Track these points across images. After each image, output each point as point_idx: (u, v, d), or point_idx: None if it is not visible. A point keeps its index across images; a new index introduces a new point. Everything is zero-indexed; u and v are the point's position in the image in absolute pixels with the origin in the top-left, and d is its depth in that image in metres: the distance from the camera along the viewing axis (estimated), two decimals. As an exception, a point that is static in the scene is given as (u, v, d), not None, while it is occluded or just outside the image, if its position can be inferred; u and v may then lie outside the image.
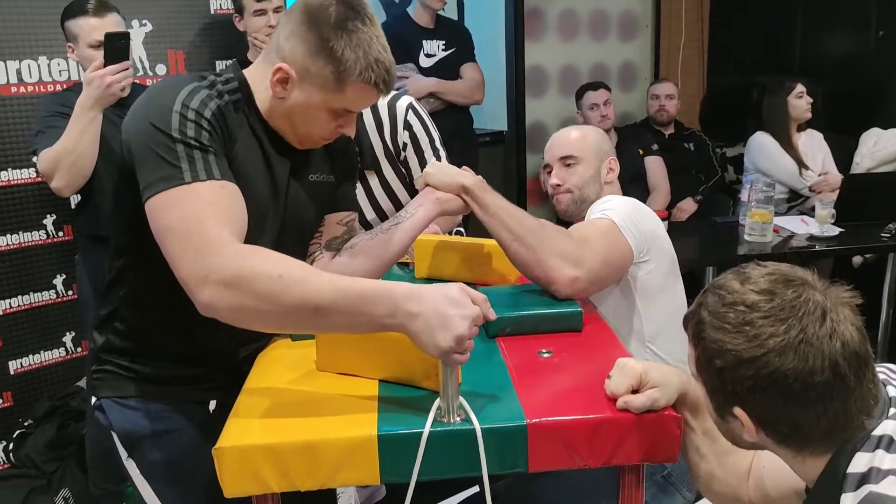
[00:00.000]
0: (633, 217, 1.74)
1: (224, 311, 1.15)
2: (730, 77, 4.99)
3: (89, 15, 2.33)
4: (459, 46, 3.73)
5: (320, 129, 1.38)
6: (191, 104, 1.25)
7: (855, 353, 0.98)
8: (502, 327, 1.49)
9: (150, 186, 1.21)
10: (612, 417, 1.18)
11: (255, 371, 1.40)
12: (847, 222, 3.17)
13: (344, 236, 1.63)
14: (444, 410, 1.17)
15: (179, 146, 1.21)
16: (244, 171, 1.32)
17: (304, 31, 1.29)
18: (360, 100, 1.35)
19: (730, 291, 1.04)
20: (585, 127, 2.10)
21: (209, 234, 1.16)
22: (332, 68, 1.29)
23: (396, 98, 2.15)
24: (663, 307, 1.80)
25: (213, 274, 1.14)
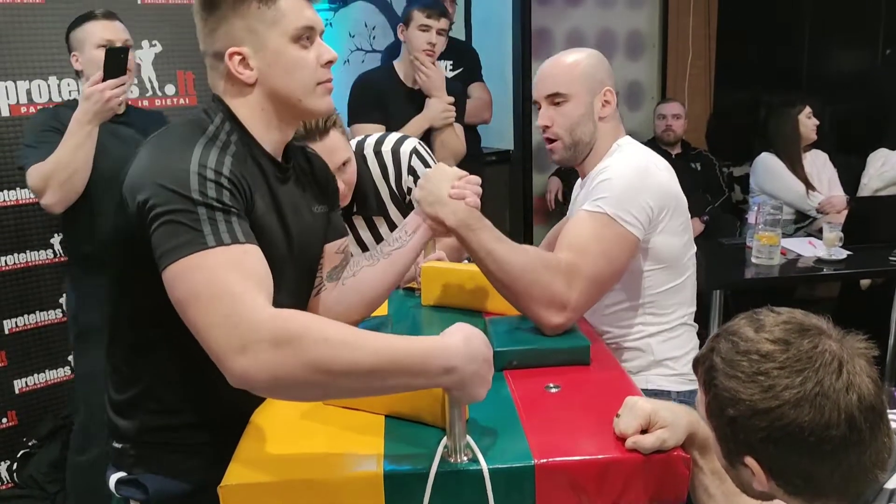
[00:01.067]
0: (636, 196, 1.65)
1: (264, 381, 1.05)
2: (737, 96, 4.99)
3: (98, 19, 2.34)
4: (467, 67, 3.73)
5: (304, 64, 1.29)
6: (208, 164, 1.17)
7: (871, 407, 0.96)
8: (509, 360, 1.48)
9: (168, 253, 1.10)
10: (621, 458, 1.17)
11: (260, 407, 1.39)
12: (855, 245, 3.15)
13: (342, 264, 1.61)
14: (451, 449, 1.16)
15: (201, 209, 1.12)
16: (265, 223, 1.27)
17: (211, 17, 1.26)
18: (301, 8, 1.28)
19: (744, 339, 1.02)
20: (579, 52, 1.82)
21: (241, 300, 1.06)
22: (255, 4, 1.24)
23: (400, 143, 2.16)
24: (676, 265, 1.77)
25: (250, 340, 1.03)
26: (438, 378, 1.10)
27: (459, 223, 1.57)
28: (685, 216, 1.79)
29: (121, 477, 1.35)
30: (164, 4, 2.84)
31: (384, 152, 2.16)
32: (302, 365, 1.04)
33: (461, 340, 1.12)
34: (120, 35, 2.35)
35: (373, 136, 2.24)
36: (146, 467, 1.34)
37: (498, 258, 1.58)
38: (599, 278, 1.62)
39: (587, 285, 1.60)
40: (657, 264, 1.76)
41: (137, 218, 1.16)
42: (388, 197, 2.17)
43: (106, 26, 2.33)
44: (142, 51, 2.81)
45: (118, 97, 2.23)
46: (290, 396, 1.13)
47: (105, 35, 2.31)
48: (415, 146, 2.17)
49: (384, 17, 4.13)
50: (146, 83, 2.83)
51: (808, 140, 3.88)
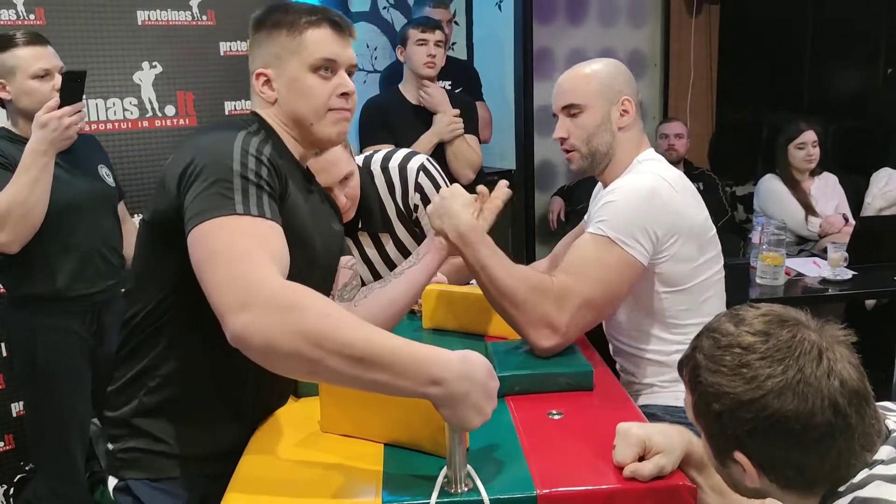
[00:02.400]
0: (641, 220, 1.63)
1: (258, 342, 1.06)
2: (739, 116, 4.99)
3: (24, 45, 2.16)
4: (466, 86, 3.74)
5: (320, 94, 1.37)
6: (249, 147, 1.23)
7: (854, 391, 0.97)
8: (511, 386, 1.46)
9: (198, 215, 1.15)
10: (625, 488, 1.15)
11: (258, 431, 1.37)
12: (860, 265, 3.13)
13: (352, 281, 1.63)
14: (451, 480, 1.14)
15: (237, 179, 1.18)
16: (296, 215, 1.31)
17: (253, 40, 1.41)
18: (325, 41, 1.37)
19: (724, 334, 1.03)
20: (597, 63, 1.81)
21: (255, 264, 1.10)
22: (284, 32, 1.36)
23: (407, 160, 2.15)
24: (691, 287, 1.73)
25: (255, 300, 1.06)
26: (425, 387, 1.08)
27: (458, 237, 1.59)
28: (702, 238, 1.73)
29: (116, 484, 1.38)
30: (165, 25, 2.84)
31: (391, 168, 2.14)
32: (298, 333, 1.05)
33: (457, 357, 1.11)
34: (54, 62, 2.21)
35: (380, 151, 2.23)
36: (134, 469, 1.36)
37: (492, 275, 1.58)
38: (593, 303, 1.60)
39: (579, 309, 1.58)
40: (669, 288, 1.73)
41: (177, 190, 1.21)
42: (394, 214, 2.15)
43: (39, 54, 2.18)
44: (142, 72, 2.80)
45: (76, 124, 2.11)
46: (278, 365, 1.10)
47: (40, 64, 2.17)
48: (422, 163, 2.15)
49: (386, 39, 4.14)
50: (146, 104, 2.82)
51: (800, 169, 3.86)
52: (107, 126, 2.75)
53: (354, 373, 1.07)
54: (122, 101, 2.77)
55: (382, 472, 1.20)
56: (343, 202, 1.96)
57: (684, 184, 1.76)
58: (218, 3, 2.93)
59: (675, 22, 4.73)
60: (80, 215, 2.26)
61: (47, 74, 2.18)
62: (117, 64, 2.76)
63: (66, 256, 2.24)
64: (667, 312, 1.75)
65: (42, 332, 2.26)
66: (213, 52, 2.94)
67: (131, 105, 2.79)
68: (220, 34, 2.95)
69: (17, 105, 2.20)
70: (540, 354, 1.57)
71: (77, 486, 2.40)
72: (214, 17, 2.93)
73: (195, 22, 2.90)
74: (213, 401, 1.36)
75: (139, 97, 2.80)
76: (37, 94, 2.15)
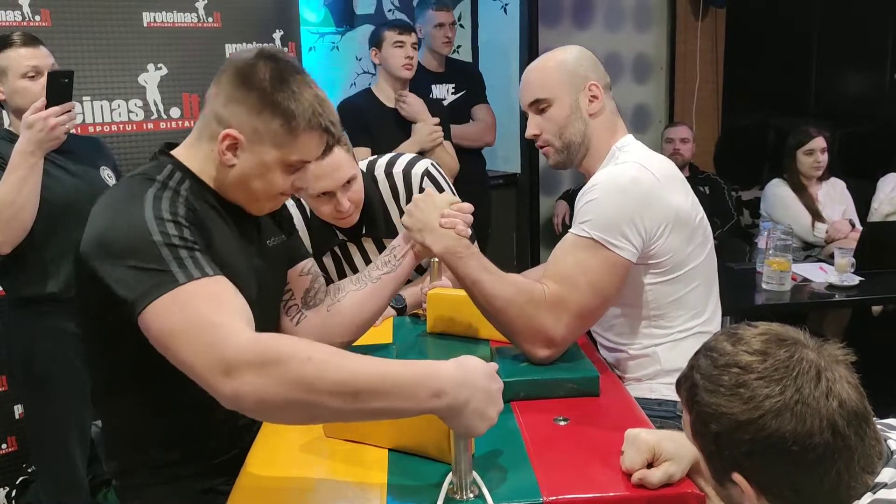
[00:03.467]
0: (625, 216, 1.57)
1: (251, 402, 1.05)
2: (745, 120, 4.98)
3: (18, 45, 2.16)
4: (469, 89, 3.73)
5: (278, 187, 1.33)
6: (162, 208, 1.19)
7: (853, 412, 0.96)
8: (517, 392, 1.45)
9: (140, 299, 1.11)
10: (631, 495, 1.14)
11: (261, 437, 1.36)
12: (867, 270, 3.11)
13: (314, 286, 1.58)
14: (456, 486, 1.12)
15: (164, 249, 1.14)
16: (226, 259, 1.27)
17: (241, 93, 1.27)
18: (312, 147, 1.32)
19: (722, 353, 1.01)
20: (559, 52, 1.76)
21: (220, 328, 1.07)
22: (280, 121, 1.27)
23: (412, 165, 2.13)
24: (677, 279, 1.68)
25: (235, 362, 1.04)
26: (428, 402, 1.07)
27: (445, 251, 1.55)
28: (689, 226, 1.67)
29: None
30: (171, 28, 2.84)
31: (395, 174, 2.13)
32: (287, 385, 1.03)
33: (453, 366, 1.10)
34: (46, 62, 2.19)
35: (385, 156, 2.22)
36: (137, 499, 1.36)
37: (483, 289, 1.55)
38: (587, 311, 1.58)
39: (573, 319, 1.55)
40: (655, 280, 1.67)
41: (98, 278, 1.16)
42: (398, 219, 2.14)
43: (30, 54, 2.17)
44: (147, 74, 2.80)
45: (64, 125, 2.07)
46: (278, 418, 1.11)
47: (30, 63, 2.15)
48: (427, 168, 2.14)
49: (391, 41, 4.14)
50: (151, 106, 2.82)
51: (808, 175, 3.84)
52: (112, 128, 2.75)
53: (355, 407, 1.06)
54: (127, 102, 2.77)
55: (387, 478, 1.19)
56: (346, 206, 1.95)
57: (667, 170, 1.70)
58: (224, 5, 2.93)
59: (680, 25, 4.72)
60: (79, 216, 2.21)
61: (38, 74, 2.17)
62: (122, 65, 2.75)
63: (64, 258, 2.22)
64: (651, 305, 1.70)
65: (39, 334, 2.25)
66: (219, 54, 2.94)
67: (136, 107, 2.79)
68: (226, 36, 2.95)
69: (11, 105, 2.21)
70: (536, 363, 1.55)
71: (78, 489, 2.38)
72: (220, 20, 2.93)
73: (201, 24, 2.90)
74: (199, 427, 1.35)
75: (144, 99, 2.80)
76: (27, 93, 2.15)
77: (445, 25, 3.59)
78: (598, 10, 4.55)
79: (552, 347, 1.54)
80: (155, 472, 1.35)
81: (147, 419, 1.33)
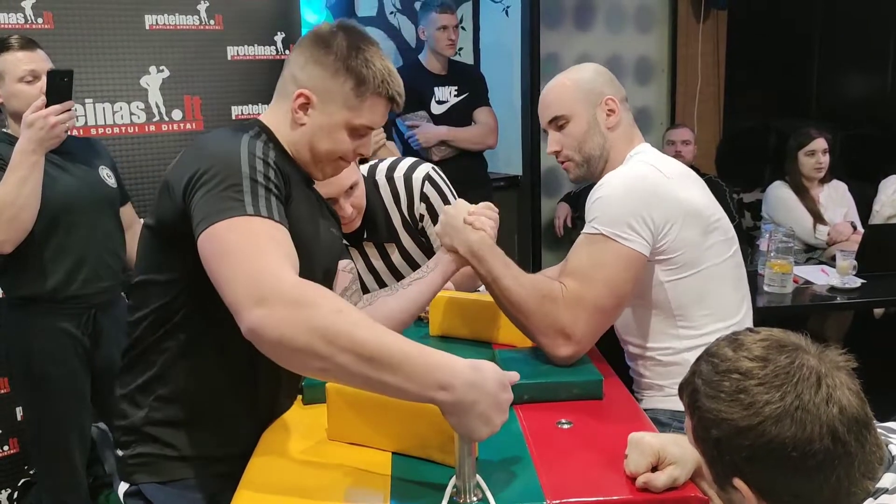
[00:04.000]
0: (632, 209, 1.60)
1: (271, 335, 1.07)
2: (746, 122, 4.98)
3: (15, 49, 2.18)
4: (472, 91, 3.74)
5: (341, 149, 1.40)
6: (256, 148, 1.25)
7: (854, 419, 0.96)
8: (520, 395, 1.44)
9: (208, 217, 1.16)
10: (635, 499, 1.14)
11: (264, 439, 1.36)
12: (869, 273, 3.11)
13: (352, 286, 1.63)
14: (459, 490, 1.12)
15: (246, 181, 1.19)
16: (298, 218, 1.31)
17: (320, 55, 1.36)
18: (377, 113, 1.40)
19: (723, 359, 1.02)
20: (574, 71, 1.84)
21: (268, 261, 1.11)
22: (351, 84, 1.35)
23: (412, 169, 2.13)
24: (698, 276, 1.68)
25: (270, 295, 1.07)
26: (433, 391, 1.08)
27: (469, 251, 1.61)
28: (705, 222, 1.68)
29: (126, 489, 1.38)
30: (173, 30, 2.84)
31: (396, 178, 2.13)
32: (311, 329, 1.06)
33: (468, 365, 1.11)
34: (43, 65, 2.19)
35: (385, 161, 2.22)
36: (145, 473, 1.35)
37: (504, 287, 1.59)
38: (604, 307, 1.60)
39: (591, 316, 1.57)
40: (672, 276, 1.68)
41: (183, 195, 1.22)
42: (399, 223, 2.14)
43: (27, 58, 2.18)
44: (149, 76, 2.80)
45: (64, 123, 2.09)
46: (290, 360, 1.11)
47: (28, 66, 2.16)
48: (427, 172, 2.14)
49: (392, 43, 4.14)
50: (153, 108, 2.82)
51: (810, 177, 3.84)
52: (114, 130, 2.75)
53: (364, 372, 1.07)
54: (129, 105, 2.77)
55: (391, 480, 1.19)
56: (349, 212, 1.95)
57: (679, 169, 1.73)
58: (225, 7, 2.93)
59: (682, 28, 4.72)
60: (77, 217, 2.24)
61: (35, 78, 2.18)
62: (125, 68, 2.76)
63: (61, 258, 2.23)
64: (672, 304, 1.70)
65: (37, 334, 2.25)
66: (221, 56, 2.93)
67: (138, 109, 2.79)
68: (228, 39, 2.95)
69: (8, 108, 2.21)
70: (558, 364, 1.56)
71: (78, 491, 2.38)
72: (222, 22, 2.93)
73: (203, 26, 2.90)
74: (225, 402, 1.36)
75: (146, 101, 2.80)
76: (24, 96, 2.15)
77: (449, 28, 3.60)
78: (599, 12, 4.55)
79: (571, 343, 1.55)
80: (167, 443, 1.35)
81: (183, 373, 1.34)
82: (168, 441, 1.35)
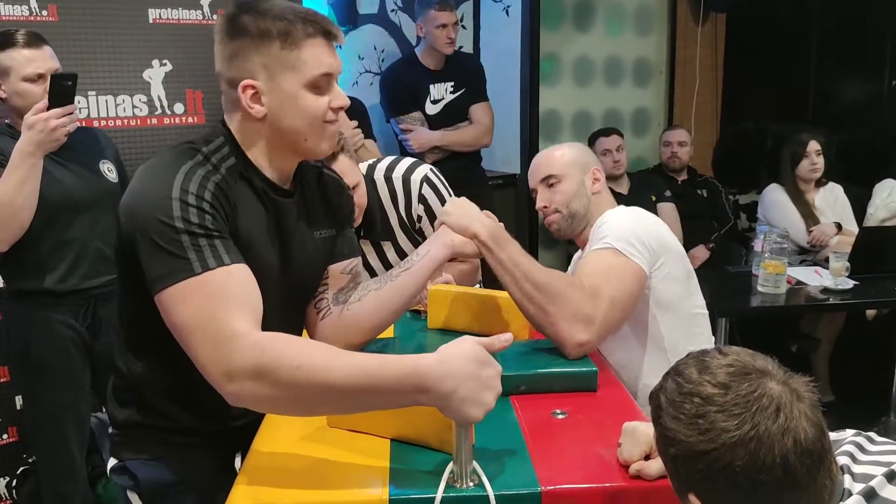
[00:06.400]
0: (636, 232, 1.77)
1: (251, 403, 1.17)
2: (743, 124, 5.00)
3: (21, 46, 2.15)
4: (469, 86, 3.70)
5: (315, 112, 1.31)
6: (189, 188, 1.22)
7: (808, 451, 0.96)
8: (516, 385, 1.47)
9: (158, 280, 1.19)
10: (628, 486, 1.16)
11: (264, 427, 1.38)
12: (862, 275, 3.14)
13: (349, 285, 1.59)
14: (456, 475, 1.15)
15: (184, 236, 1.19)
16: (250, 241, 1.30)
17: (233, 43, 1.28)
18: (322, 55, 1.30)
19: (687, 380, 1.03)
20: (563, 146, 2.07)
21: (224, 329, 1.15)
22: (278, 45, 1.26)
23: (411, 171, 2.15)
24: (683, 312, 1.86)
25: (234, 371, 1.13)
26: (415, 396, 1.12)
27: (490, 236, 1.64)
28: (686, 266, 1.89)
29: (113, 465, 1.43)
30: (176, 24, 2.86)
31: (394, 179, 2.15)
32: (280, 389, 1.13)
33: (434, 359, 1.12)
34: (49, 64, 2.18)
35: (384, 160, 2.24)
36: (131, 451, 1.41)
37: (527, 271, 1.64)
38: (618, 301, 1.68)
39: (609, 305, 1.65)
40: (663, 310, 1.82)
41: (129, 240, 1.23)
42: (396, 223, 2.16)
43: (33, 56, 2.16)
44: (152, 69, 2.82)
45: (64, 126, 2.08)
46: (279, 413, 1.23)
47: (34, 69, 2.15)
48: (426, 174, 2.16)
49: (393, 41, 4.15)
50: (156, 102, 2.84)
51: (806, 179, 3.87)
52: (116, 123, 2.77)
53: (346, 404, 1.17)
54: (131, 98, 2.79)
55: (389, 466, 1.22)
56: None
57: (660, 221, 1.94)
58: (228, 2, 2.94)
59: (681, 30, 4.74)
60: (77, 211, 2.25)
61: (40, 78, 2.17)
62: (127, 61, 2.77)
63: (61, 252, 2.24)
64: (663, 336, 1.83)
65: (36, 325, 2.26)
66: (223, 51, 2.95)
67: (141, 102, 2.81)
68: (230, 34, 2.96)
69: (11, 104, 2.21)
70: (573, 352, 1.58)
71: (76, 480, 2.40)
72: (225, 17, 2.95)
73: (206, 21, 2.92)
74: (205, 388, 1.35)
75: (149, 94, 2.82)
76: (29, 95, 2.15)
77: (448, 26, 3.54)
78: (599, 13, 4.57)
79: (590, 329, 1.59)
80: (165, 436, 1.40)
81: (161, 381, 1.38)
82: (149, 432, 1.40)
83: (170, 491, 1.39)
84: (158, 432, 1.40)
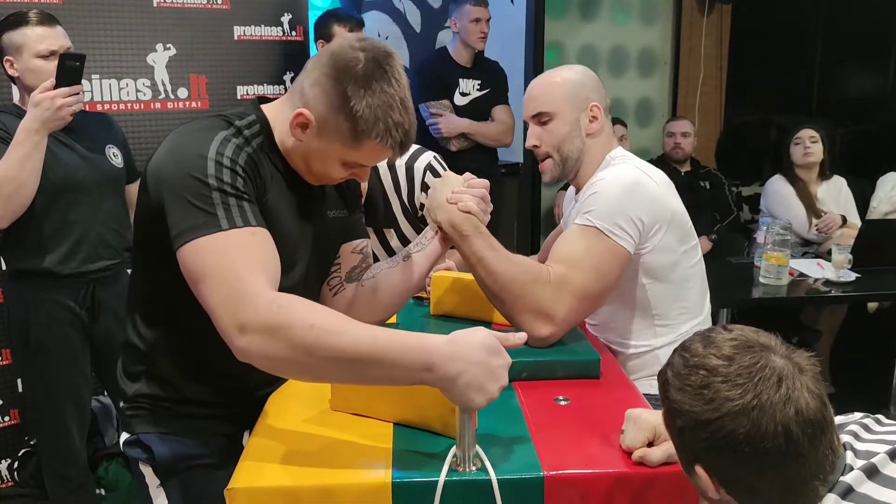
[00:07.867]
0: (624, 208, 1.65)
1: (259, 359, 1.15)
2: (747, 116, 5.00)
3: (34, 24, 2.18)
4: (493, 87, 3.79)
5: (333, 175, 1.39)
6: (225, 152, 1.25)
7: (810, 421, 0.99)
8: (519, 371, 1.47)
9: (182, 234, 1.20)
10: (631, 473, 1.17)
11: (268, 409, 1.39)
12: (864, 268, 3.14)
13: (362, 265, 1.62)
14: (459, 459, 1.15)
15: (216, 193, 1.21)
16: (276, 215, 1.33)
17: (328, 83, 1.27)
18: (375, 158, 1.35)
19: (693, 354, 1.06)
20: (565, 70, 1.86)
21: (244, 282, 1.16)
22: (349, 125, 1.28)
23: (414, 158, 2.14)
24: (674, 278, 1.78)
25: (248, 323, 1.13)
26: (419, 374, 1.12)
27: (452, 228, 1.58)
28: (683, 229, 1.78)
29: (126, 438, 1.44)
30: (180, 8, 2.85)
31: (398, 166, 2.14)
32: (290, 348, 1.12)
33: (444, 340, 1.13)
34: (62, 42, 2.21)
35: None
36: (145, 424, 1.42)
37: (487, 266, 1.59)
38: (588, 293, 1.62)
39: (575, 300, 1.59)
40: (653, 279, 1.77)
41: (157, 199, 1.25)
42: (399, 210, 2.16)
43: (46, 34, 2.18)
44: (156, 53, 2.81)
45: (70, 106, 2.09)
46: (283, 374, 1.22)
47: (46, 46, 2.17)
48: (429, 161, 2.15)
49: (398, 28, 4.15)
50: (159, 86, 2.83)
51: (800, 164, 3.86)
52: (119, 106, 2.77)
53: (351, 372, 1.15)
54: (135, 82, 2.79)
55: (392, 449, 1.22)
56: None
57: (663, 177, 1.80)
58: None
59: (686, 21, 4.74)
60: (79, 194, 2.26)
61: (52, 55, 2.17)
62: (131, 45, 2.77)
63: (62, 233, 2.24)
64: (651, 304, 1.78)
65: (35, 306, 2.27)
66: (227, 36, 2.95)
67: (144, 86, 2.81)
68: (235, 18, 2.96)
69: (22, 82, 2.22)
70: (535, 345, 1.56)
71: (76, 462, 2.41)
72: (229, 2, 2.94)
73: (210, 5, 2.91)
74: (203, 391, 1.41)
75: (152, 79, 2.82)
76: (41, 73, 2.16)
77: (482, 21, 3.65)
78: (604, 3, 4.56)
79: (552, 326, 1.56)
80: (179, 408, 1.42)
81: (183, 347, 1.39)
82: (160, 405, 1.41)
83: (183, 464, 1.41)
84: (174, 405, 1.41)
